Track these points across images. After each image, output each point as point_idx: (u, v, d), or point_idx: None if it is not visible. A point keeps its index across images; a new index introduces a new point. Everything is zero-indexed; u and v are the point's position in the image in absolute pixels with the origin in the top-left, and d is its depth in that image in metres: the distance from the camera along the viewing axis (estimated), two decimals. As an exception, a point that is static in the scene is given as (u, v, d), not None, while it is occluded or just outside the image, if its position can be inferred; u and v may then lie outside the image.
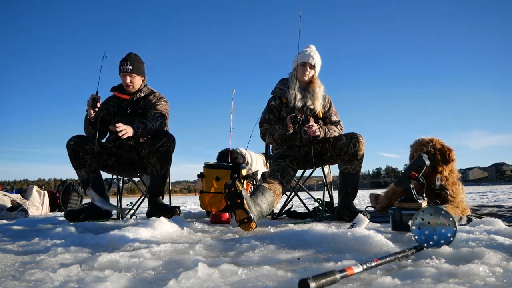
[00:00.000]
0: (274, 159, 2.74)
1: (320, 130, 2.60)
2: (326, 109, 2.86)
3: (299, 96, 2.74)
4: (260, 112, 2.90)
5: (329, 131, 2.68)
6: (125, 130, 2.60)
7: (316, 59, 2.80)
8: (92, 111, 2.79)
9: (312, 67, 2.78)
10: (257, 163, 4.52)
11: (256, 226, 2.04)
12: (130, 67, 2.95)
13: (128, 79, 2.97)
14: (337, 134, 2.72)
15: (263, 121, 2.83)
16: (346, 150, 2.59)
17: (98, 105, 2.80)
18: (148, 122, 2.78)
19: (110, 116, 3.05)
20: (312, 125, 2.57)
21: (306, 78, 2.78)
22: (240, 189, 1.97)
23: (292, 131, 2.61)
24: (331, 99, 2.92)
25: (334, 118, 2.86)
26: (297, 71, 2.79)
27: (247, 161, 4.34)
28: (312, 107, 2.76)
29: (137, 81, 3.02)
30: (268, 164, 4.78)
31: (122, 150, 3.00)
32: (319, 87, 2.81)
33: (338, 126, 2.80)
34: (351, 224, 1.88)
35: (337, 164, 2.74)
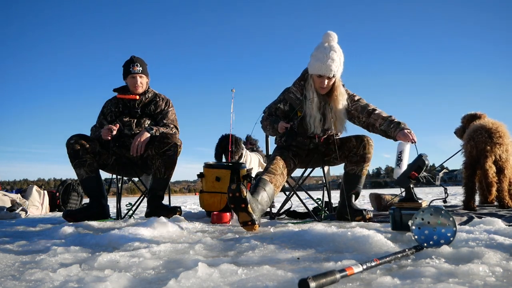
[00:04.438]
0: (278, 148, 2.69)
1: (412, 134, 2.26)
2: (352, 104, 2.61)
3: (317, 119, 2.50)
4: (260, 112, 2.85)
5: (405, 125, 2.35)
6: (141, 143, 2.80)
7: (335, 68, 2.38)
8: (109, 137, 2.83)
9: (332, 77, 2.43)
10: (251, 161, 4.52)
11: (259, 226, 2.05)
12: (141, 68, 3.01)
13: (139, 80, 3.01)
14: (385, 115, 2.48)
15: (267, 110, 2.71)
16: (355, 152, 2.54)
17: (114, 133, 2.85)
18: (163, 130, 2.94)
19: (114, 117, 3.05)
20: (407, 137, 2.23)
21: (324, 91, 2.51)
22: (245, 194, 1.96)
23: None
24: (349, 92, 2.64)
25: (363, 103, 2.58)
26: (313, 80, 2.49)
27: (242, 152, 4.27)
28: (332, 133, 2.58)
29: (145, 82, 3.09)
30: (265, 164, 4.78)
31: (124, 149, 3.00)
32: (343, 98, 2.50)
33: (377, 111, 2.51)
34: (398, 153, 1.85)
35: (342, 164, 2.69)
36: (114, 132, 2.84)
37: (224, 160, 4.16)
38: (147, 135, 2.84)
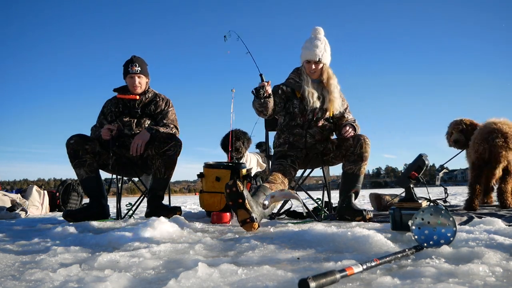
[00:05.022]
0: (276, 157, 2.73)
1: (351, 131, 2.62)
2: (344, 108, 2.82)
3: (315, 94, 2.68)
4: None
5: (356, 128, 2.68)
6: (141, 142, 2.79)
7: (319, 52, 2.64)
8: (108, 137, 2.85)
9: (319, 62, 2.66)
10: (250, 161, 4.53)
11: (258, 226, 2.05)
12: (139, 69, 3.01)
13: (137, 80, 3.02)
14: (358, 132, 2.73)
15: None
16: (352, 151, 2.59)
17: (114, 131, 2.87)
18: (163, 130, 2.94)
19: (114, 117, 3.06)
20: (347, 130, 2.58)
21: (314, 76, 2.72)
22: (242, 189, 1.97)
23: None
24: (342, 94, 2.85)
25: (350, 117, 2.83)
26: (305, 67, 2.72)
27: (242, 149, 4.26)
28: (328, 114, 2.73)
29: (144, 82, 3.09)
30: (264, 164, 4.79)
31: (124, 149, 3.00)
32: (333, 81, 2.71)
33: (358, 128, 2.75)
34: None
35: (341, 164, 2.72)
36: (115, 131, 2.84)
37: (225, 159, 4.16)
38: (147, 135, 2.84)
